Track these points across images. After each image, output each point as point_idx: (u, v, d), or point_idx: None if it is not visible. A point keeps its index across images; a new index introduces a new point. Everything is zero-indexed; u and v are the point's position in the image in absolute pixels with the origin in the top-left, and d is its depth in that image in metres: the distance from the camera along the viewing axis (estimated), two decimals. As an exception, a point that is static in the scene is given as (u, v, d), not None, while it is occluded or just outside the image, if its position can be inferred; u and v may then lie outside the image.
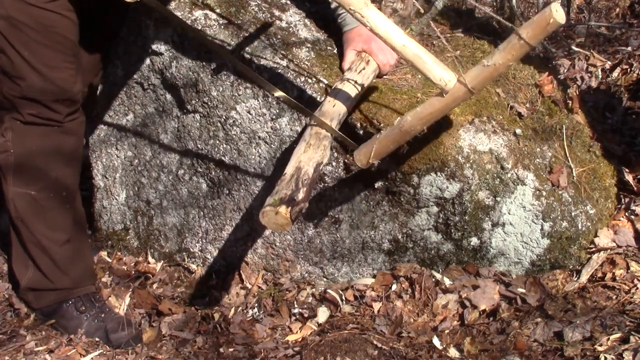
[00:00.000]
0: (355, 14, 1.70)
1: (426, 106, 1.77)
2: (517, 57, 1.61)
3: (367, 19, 1.69)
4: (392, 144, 1.86)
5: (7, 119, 2.07)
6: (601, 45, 3.20)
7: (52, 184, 2.14)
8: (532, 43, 1.55)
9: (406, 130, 1.81)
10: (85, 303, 2.24)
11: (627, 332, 1.82)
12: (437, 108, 1.76)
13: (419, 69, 1.71)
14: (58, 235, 2.18)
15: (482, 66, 1.64)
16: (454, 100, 1.73)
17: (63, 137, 2.11)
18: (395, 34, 1.70)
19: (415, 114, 1.79)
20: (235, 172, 2.32)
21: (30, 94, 2.02)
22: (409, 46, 1.70)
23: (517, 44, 1.57)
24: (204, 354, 2.13)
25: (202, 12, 2.29)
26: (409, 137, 1.85)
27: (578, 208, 2.22)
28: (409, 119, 1.80)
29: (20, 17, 1.94)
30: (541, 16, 1.53)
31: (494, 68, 1.62)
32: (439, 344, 2.04)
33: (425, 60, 1.70)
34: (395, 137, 1.84)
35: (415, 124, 1.79)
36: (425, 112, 1.77)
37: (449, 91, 1.70)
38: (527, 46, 1.56)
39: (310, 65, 2.23)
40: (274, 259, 2.38)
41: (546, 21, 1.52)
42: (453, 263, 2.26)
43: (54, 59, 2.01)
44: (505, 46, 1.60)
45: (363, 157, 1.90)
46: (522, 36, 1.55)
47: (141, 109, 2.46)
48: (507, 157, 2.16)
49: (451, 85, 1.70)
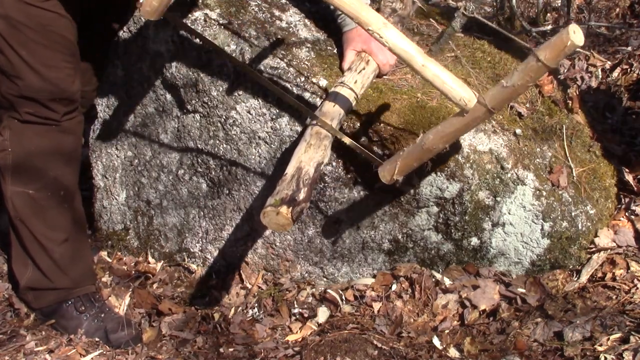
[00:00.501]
0: (374, 34, 1.70)
1: (447, 125, 1.80)
2: (536, 78, 1.62)
3: (386, 38, 1.70)
4: (415, 162, 1.89)
5: (5, 117, 2.07)
6: (601, 45, 3.21)
7: (51, 183, 2.14)
8: (550, 65, 1.56)
9: (428, 148, 1.84)
10: (85, 303, 2.24)
11: (627, 332, 1.82)
12: (457, 127, 1.78)
13: (439, 88, 1.72)
14: (57, 235, 2.18)
15: (501, 87, 1.66)
16: (474, 119, 1.75)
17: (61, 136, 2.11)
18: (414, 54, 1.70)
19: (437, 132, 1.81)
20: (235, 172, 2.32)
21: (28, 93, 2.02)
22: (428, 66, 1.70)
23: (535, 66, 1.58)
24: (204, 354, 2.13)
25: (202, 12, 2.29)
26: (431, 154, 1.87)
27: (578, 208, 2.22)
28: (431, 137, 1.82)
29: (19, 16, 1.94)
30: (559, 38, 1.53)
31: (513, 89, 1.64)
32: (439, 344, 2.04)
33: (445, 80, 1.71)
34: (418, 155, 1.87)
35: (437, 142, 1.82)
36: (447, 131, 1.80)
37: (469, 111, 1.72)
38: (545, 68, 1.57)
39: (310, 65, 2.23)
40: (274, 259, 2.38)
41: (564, 44, 1.53)
42: (453, 263, 2.26)
43: (52, 58, 2.01)
44: (523, 68, 1.61)
45: (387, 174, 1.92)
46: (540, 58, 1.56)
47: (141, 109, 2.46)
48: (507, 157, 2.16)
49: (471, 105, 1.71)
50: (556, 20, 3.42)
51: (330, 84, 2.15)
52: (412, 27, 2.56)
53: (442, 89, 1.72)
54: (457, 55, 2.40)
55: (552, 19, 3.44)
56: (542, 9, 3.35)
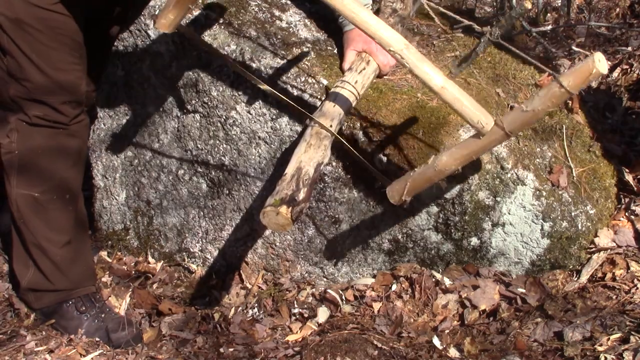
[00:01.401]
0: (396, 55, 1.69)
1: (462, 146, 1.78)
2: (557, 104, 1.61)
3: (407, 60, 1.68)
4: (425, 183, 1.86)
5: (13, 120, 2.06)
6: (601, 45, 3.20)
7: (56, 186, 2.14)
8: (573, 92, 1.56)
9: (440, 170, 1.81)
10: (86, 303, 2.24)
11: (627, 332, 1.82)
12: (473, 149, 1.77)
13: (458, 110, 1.71)
14: (59, 237, 2.18)
15: (520, 111, 1.64)
16: (490, 142, 1.73)
17: (68, 139, 2.11)
18: (434, 75, 1.69)
19: (451, 153, 1.79)
20: (235, 172, 2.32)
21: (37, 96, 2.02)
22: (448, 88, 1.69)
23: (557, 92, 1.57)
24: (204, 354, 2.13)
25: (202, 12, 2.29)
26: (443, 176, 1.85)
27: (578, 208, 2.22)
28: (445, 158, 1.80)
29: (28, 19, 1.93)
30: (584, 66, 1.53)
31: (533, 114, 1.63)
32: (439, 344, 2.04)
33: (463, 103, 1.70)
34: (429, 176, 1.84)
35: (450, 163, 1.80)
36: (461, 153, 1.78)
37: (486, 134, 1.70)
38: (568, 94, 1.56)
39: (310, 65, 2.23)
40: (274, 259, 2.38)
41: (589, 71, 1.52)
42: (453, 263, 2.26)
43: (61, 61, 2.01)
44: (545, 93, 1.60)
45: (396, 194, 1.90)
46: (563, 85, 1.55)
47: (141, 109, 2.46)
48: (507, 157, 2.16)
49: (489, 128, 1.70)
50: (556, 20, 3.42)
51: (330, 84, 2.16)
52: (412, 27, 2.56)
53: (460, 111, 1.70)
54: (456, 55, 2.40)
55: (552, 19, 3.44)
56: (542, 9, 3.35)
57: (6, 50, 1.97)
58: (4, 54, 1.97)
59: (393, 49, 1.68)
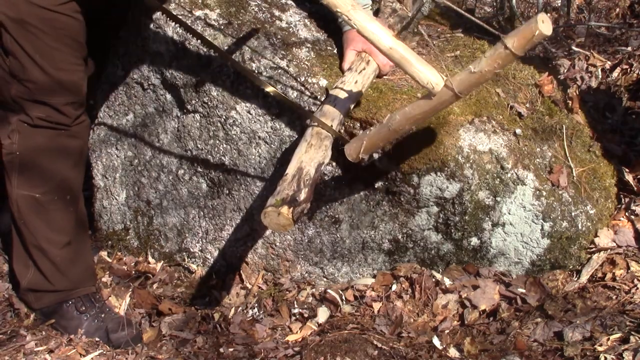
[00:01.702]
0: (343, 16, 1.72)
1: (414, 107, 1.81)
2: (503, 65, 1.63)
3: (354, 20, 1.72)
4: (381, 141, 1.91)
5: (15, 121, 2.06)
6: (601, 45, 3.20)
7: (57, 187, 2.14)
8: (518, 53, 1.58)
9: (395, 129, 1.85)
10: (86, 303, 2.24)
11: (627, 332, 1.82)
12: (424, 110, 1.79)
13: (407, 70, 1.74)
14: (60, 238, 2.18)
15: (468, 72, 1.67)
16: (440, 103, 1.76)
17: (69, 140, 2.11)
18: (382, 36, 1.72)
19: (404, 113, 1.82)
20: (235, 172, 2.32)
21: (40, 97, 2.02)
22: (396, 48, 1.72)
23: (502, 53, 1.59)
24: (204, 354, 2.13)
25: (202, 12, 2.29)
26: (397, 135, 1.90)
27: (578, 208, 2.22)
28: (398, 118, 1.83)
29: (32, 20, 1.93)
30: (527, 27, 1.54)
31: (480, 75, 1.65)
32: (439, 344, 2.04)
33: (412, 63, 1.73)
34: (384, 135, 1.89)
35: (403, 123, 1.83)
36: (413, 113, 1.81)
37: (436, 94, 1.72)
38: (512, 55, 1.58)
39: (310, 65, 2.23)
40: (274, 259, 2.38)
41: (532, 32, 1.53)
42: (453, 263, 2.26)
43: (64, 61, 2.01)
44: (491, 54, 1.62)
45: (353, 152, 1.94)
46: (507, 45, 1.57)
47: (141, 109, 2.46)
48: (507, 157, 2.16)
49: (438, 89, 1.72)
50: (556, 20, 3.42)
51: (330, 84, 2.16)
52: (412, 27, 2.56)
53: (409, 72, 1.73)
54: (456, 55, 2.40)
55: (552, 19, 3.44)
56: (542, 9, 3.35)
57: (9, 51, 1.96)
58: (6, 54, 1.97)
59: (340, 10, 1.71)
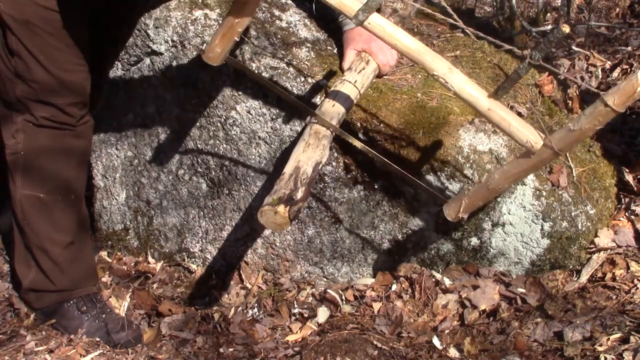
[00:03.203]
0: (439, 79, 1.72)
1: (513, 165, 1.83)
2: (604, 122, 1.64)
3: (451, 84, 1.72)
4: (480, 201, 1.93)
5: (19, 121, 2.06)
6: (601, 45, 3.20)
7: (61, 187, 2.14)
8: (619, 110, 1.59)
9: (494, 188, 1.86)
10: (87, 303, 2.24)
11: (627, 332, 1.82)
12: (523, 168, 1.81)
13: (506, 130, 1.75)
14: (63, 238, 2.19)
15: (568, 130, 1.68)
16: (540, 161, 1.77)
17: (74, 140, 2.12)
18: (479, 98, 1.72)
19: (503, 172, 1.84)
20: (235, 172, 2.32)
21: (44, 97, 2.02)
22: (494, 109, 1.72)
23: (603, 111, 1.60)
24: (204, 354, 2.13)
25: (202, 12, 2.29)
26: (496, 194, 1.92)
27: (578, 208, 2.22)
28: (497, 177, 1.85)
29: (37, 21, 1.93)
30: (629, 84, 1.56)
31: (580, 132, 1.66)
32: (439, 344, 2.04)
33: (511, 123, 1.73)
34: (483, 195, 1.90)
35: (502, 182, 1.85)
36: (512, 172, 1.83)
37: (535, 152, 1.74)
38: (614, 113, 1.60)
39: (310, 65, 2.23)
40: (274, 259, 2.38)
41: (633, 89, 1.55)
42: (453, 263, 2.26)
43: (68, 62, 2.01)
44: (591, 112, 1.63)
45: (452, 212, 1.95)
46: (608, 104, 1.58)
47: (141, 109, 2.46)
48: (507, 157, 2.15)
49: (538, 147, 1.73)
50: (556, 20, 3.42)
51: (330, 84, 2.15)
52: (412, 27, 2.56)
53: (508, 132, 1.74)
54: (456, 55, 2.40)
55: (552, 19, 3.44)
56: (542, 8, 3.35)
57: (14, 51, 1.97)
58: (11, 54, 1.98)
59: (437, 73, 1.71)
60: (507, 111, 1.75)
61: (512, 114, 1.75)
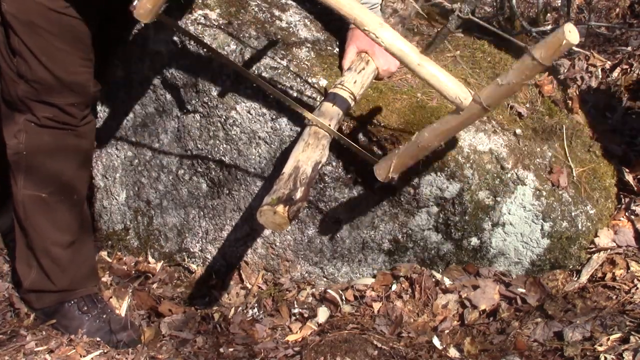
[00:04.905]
0: (370, 34, 1.71)
1: (442, 123, 1.81)
2: (531, 76, 1.63)
3: (382, 39, 1.71)
4: (410, 159, 1.90)
5: (22, 121, 2.06)
6: (601, 45, 3.21)
7: (64, 187, 2.14)
8: (546, 63, 1.58)
9: (424, 146, 1.84)
10: (88, 303, 2.24)
11: (627, 332, 1.82)
12: (453, 125, 1.79)
13: (435, 86, 1.74)
14: (64, 238, 2.19)
15: (496, 85, 1.67)
16: (469, 117, 1.76)
17: (77, 140, 2.12)
18: (410, 53, 1.71)
19: (432, 130, 1.82)
20: (235, 172, 2.32)
21: (46, 97, 2.02)
22: (424, 65, 1.72)
23: (530, 64, 1.59)
24: (204, 354, 2.13)
25: (202, 12, 2.29)
26: (426, 152, 1.88)
27: (578, 208, 2.22)
28: (426, 135, 1.83)
29: (40, 21, 1.93)
30: (554, 37, 1.54)
31: (508, 87, 1.65)
32: (439, 344, 2.04)
33: (440, 79, 1.72)
34: (413, 153, 1.88)
35: (432, 140, 1.82)
36: (442, 129, 1.81)
37: (464, 109, 1.73)
38: (540, 66, 1.58)
39: (310, 65, 2.23)
40: (274, 259, 2.38)
41: (559, 42, 1.54)
42: (453, 263, 2.26)
43: (72, 63, 2.01)
44: (518, 66, 1.62)
45: (383, 172, 1.94)
46: (535, 56, 1.57)
47: (141, 109, 2.46)
48: (507, 157, 2.15)
49: (467, 103, 1.72)
50: (556, 20, 3.42)
51: (330, 84, 2.16)
52: (412, 27, 2.56)
53: (437, 87, 1.73)
54: (456, 55, 2.40)
55: (552, 19, 3.44)
56: (542, 9, 3.35)
57: (16, 51, 1.97)
58: (14, 54, 1.98)
59: (367, 28, 1.70)
60: (437, 67, 1.73)
61: (442, 70, 1.74)
